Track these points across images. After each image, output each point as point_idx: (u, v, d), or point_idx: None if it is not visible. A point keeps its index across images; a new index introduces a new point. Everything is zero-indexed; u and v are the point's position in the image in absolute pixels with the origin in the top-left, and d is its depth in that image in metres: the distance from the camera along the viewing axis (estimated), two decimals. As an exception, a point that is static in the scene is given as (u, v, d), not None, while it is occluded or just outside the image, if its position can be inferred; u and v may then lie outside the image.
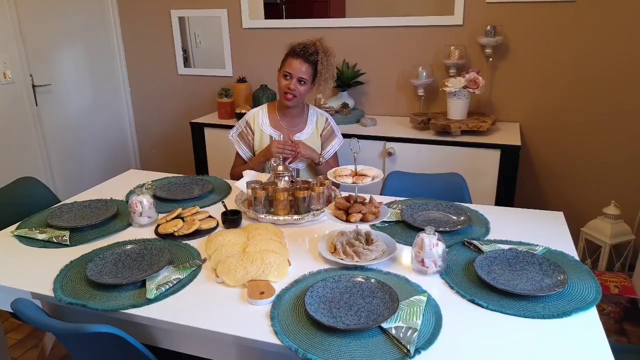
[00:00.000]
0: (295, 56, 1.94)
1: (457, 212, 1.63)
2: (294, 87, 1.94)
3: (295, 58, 1.94)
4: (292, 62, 1.94)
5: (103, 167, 3.40)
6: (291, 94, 1.96)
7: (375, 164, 2.50)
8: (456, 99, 2.46)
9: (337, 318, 1.08)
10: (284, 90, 1.97)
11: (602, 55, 2.43)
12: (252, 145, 2.09)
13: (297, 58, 1.94)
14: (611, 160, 2.55)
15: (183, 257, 1.38)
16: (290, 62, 1.95)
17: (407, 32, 2.74)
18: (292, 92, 1.95)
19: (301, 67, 1.93)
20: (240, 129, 2.10)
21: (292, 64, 1.94)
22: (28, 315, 1.11)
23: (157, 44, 3.32)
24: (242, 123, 2.11)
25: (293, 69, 1.93)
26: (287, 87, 1.95)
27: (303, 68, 1.93)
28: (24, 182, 1.95)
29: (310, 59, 1.94)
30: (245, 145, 2.09)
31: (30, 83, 2.81)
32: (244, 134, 2.09)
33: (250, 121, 2.09)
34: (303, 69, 1.93)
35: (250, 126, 2.08)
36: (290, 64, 1.94)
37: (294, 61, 1.94)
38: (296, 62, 1.93)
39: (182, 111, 3.41)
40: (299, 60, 1.93)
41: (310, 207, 1.63)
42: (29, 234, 1.54)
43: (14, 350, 2.19)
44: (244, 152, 2.10)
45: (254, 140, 2.08)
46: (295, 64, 1.93)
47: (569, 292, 1.18)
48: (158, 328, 1.16)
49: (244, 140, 2.09)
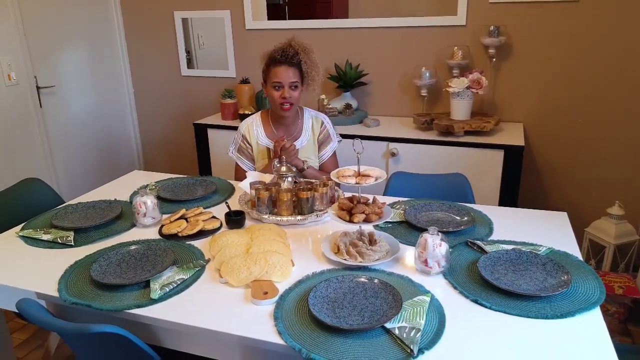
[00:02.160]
0: (277, 64, 1.89)
1: (461, 213, 1.63)
2: (288, 96, 1.89)
3: (278, 66, 1.88)
4: (278, 71, 1.88)
5: (107, 168, 3.41)
6: (287, 103, 1.91)
7: (379, 164, 2.50)
8: (459, 100, 2.46)
9: (340, 318, 1.08)
10: (279, 102, 1.91)
11: (606, 54, 2.43)
12: (253, 158, 2.07)
13: (280, 65, 1.88)
14: (615, 161, 2.54)
15: (187, 257, 1.39)
16: (275, 72, 1.89)
17: (410, 33, 2.74)
18: (288, 101, 1.90)
19: (288, 72, 1.88)
20: (237, 143, 2.06)
21: (278, 73, 1.88)
22: (33, 315, 1.12)
23: (160, 45, 3.34)
24: (238, 138, 2.06)
25: (281, 77, 1.88)
26: (282, 98, 1.90)
27: (290, 73, 1.88)
28: (29, 183, 1.96)
29: (293, 62, 1.89)
30: (247, 159, 2.06)
31: (35, 85, 2.82)
32: (243, 148, 2.05)
33: (245, 134, 2.05)
34: (290, 73, 1.88)
35: (247, 139, 2.04)
36: (275, 73, 1.89)
37: (278, 69, 1.88)
38: (281, 70, 1.88)
39: (185, 112, 3.42)
40: (283, 66, 1.88)
41: (313, 207, 1.63)
42: (33, 234, 1.54)
43: (19, 350, 2.20)
44: (247, 166, 2.06)
45: (253, 152, 2.06)
46: (281, 72, 1.88)
47: (572, 292, 1.18)
48: (162, 328, 1.16)
49: (244, 154, 2.06)
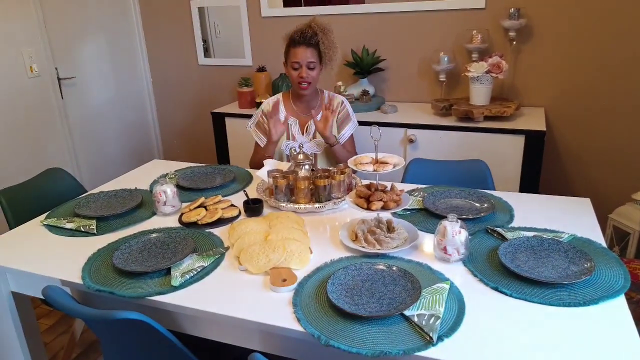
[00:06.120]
0: (296, 45, 1.97)
1: (480, 199, 1.61)
2: (306, 75, 1.98)
3: (297, 47, 1.97)
4: (296, 52, 1.97)
5: (127, 157, 3.46)
6: (305, 82, 2.00)
7: (397, 151, 2.47)
8: (479, 84, 2.41)
9: (359, 305, 1.08)
10: (297, 81, 2.01)
11: (629, 37, 2.34)
12: None
13: (299, 46, 1.97)
14: (639, 146, 2.47)
15: (206, 245, 1.40)
16: (294, 52, 1.98)
17: (428, 17, 2.69)
18: (306, 80, 1.99)
19: (306, 52, 1.96)
20: (257, 118, 2.14)
21: (296, 54, 1.97)
22: (58, 302, 1.15)
23: (177, 34, 3.35)
24: (258, 113, 2.14)
25: (299, 58, 1.96)
26: (300, 77, 1.99)
27: (308, 53, 1.96)
28: (52, 173, 2.00)
29: (311, 42, 1.97)
30: (263, 134, 2.11)
31: (56, 76, 2.86)
32: (261, 123, 2.12)
33: (266, 110, 2.11)
34: (308, 54, 1.96)
35: (266, 115, 2.10)
36: (294, 53, 1.97)
37: (297, 50, 1.97)
38: (300, 50, 1.96)
39: (203, 101, 3.44)
40: (301, 47, 1.96)
41: (331, 195, 1.63)
42: (57, 223, 1.58)
43: (45, 335, 2.27)
44: (262, 141, 2.11)
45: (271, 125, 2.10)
46: (300, 52, 1.96)
47: (596, 280, 1.15)
48: (183, 314, 1.18)
49: (261, 129, 2.12)
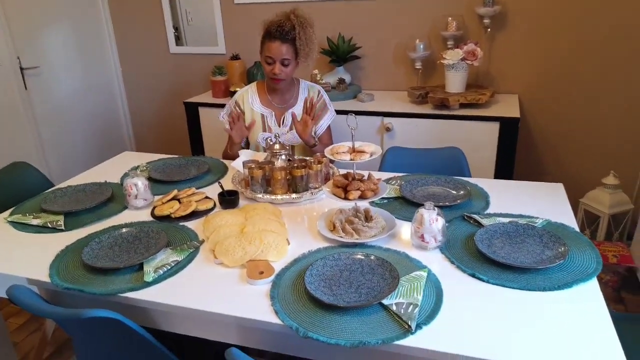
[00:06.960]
0: (272, 39, 1.88)
1: (457, 187, 1.62)
2: (279, 72, 1.91)
3: (272, 41, 1.88)
4: (271, 46, 1.88)
5: (97, 149, 3.36)
6: (278, 78, 1.93)
7: (373, 139, 2.47)
8: (454, 72, 2.42)
9: (337, 296, 1.07)
10: (270, 76, 1.94)
11: (602, 25, 2.38)
12: None
13: (274, 41, 1.88)
14: (610, 131, 2.52)
15: (180, 239, 1.37)
16: (269, 47, 1.89)
17: (403, 3, 2.67)
18: (278, 77, 1.93)
19: (281, 48, 1.87)
20: (229, 109, 2.08)
21: (271, 48, 1.89)
22: (24, 302, 1.10)
23: (147, 21, 3.24)
24: (231, 103, 2.08)
25: (273, 53, 1.88)
26: (272, 72, 1.92)
27: (283, 49, 1.88)
28: (16, 167, 1.92)
29: (287, 38, 1.88)
30: None
31: (18, 65, 2.75)
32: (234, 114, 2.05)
33: (239, 101, 2.06)
34: (283, 50, 1.88)
35: (239, 106, 2.05)
36: (269, 48, 1.89)
37: (272, 45, 1.88)
38: (275, 45, 1.88)
39: (175, 91, 3.35)
40: (276, 42, 1.87)
41: (308, 185, 1.61)
42: (23, 219, 1.52)
43: (15, 334, 2.20)
44: None
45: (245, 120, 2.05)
46: (274, 47, 1.88)
47: (569, 264, 1.17)
48: (157, 311, 1.15)
49: None
